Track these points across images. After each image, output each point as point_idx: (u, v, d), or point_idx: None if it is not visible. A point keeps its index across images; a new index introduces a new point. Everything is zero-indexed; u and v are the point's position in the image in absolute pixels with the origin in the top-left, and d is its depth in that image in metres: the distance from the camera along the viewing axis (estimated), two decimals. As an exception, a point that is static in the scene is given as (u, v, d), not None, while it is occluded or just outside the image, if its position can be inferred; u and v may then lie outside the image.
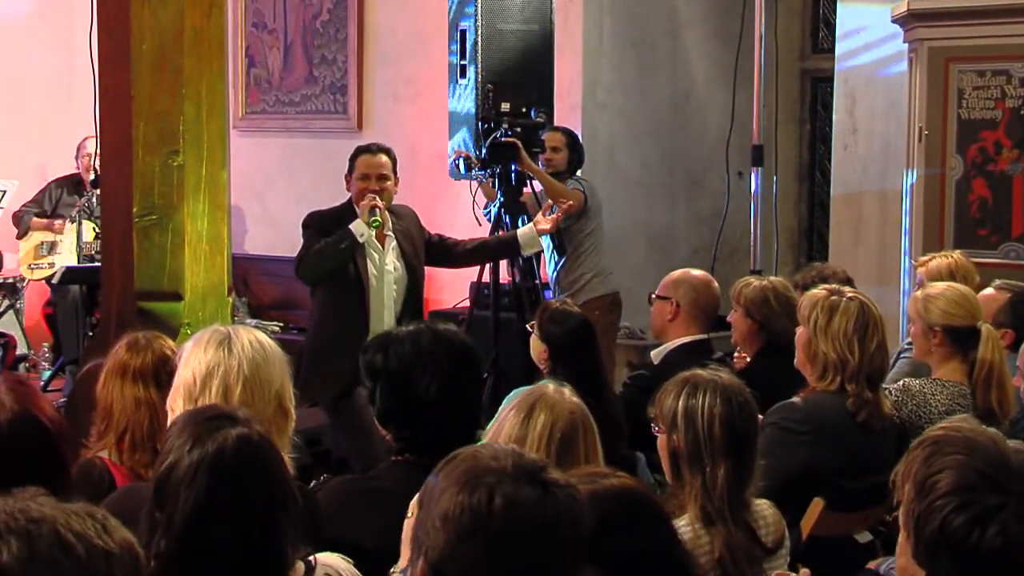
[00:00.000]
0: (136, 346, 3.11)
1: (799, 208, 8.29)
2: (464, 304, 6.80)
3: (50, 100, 8.51)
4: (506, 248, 5.72)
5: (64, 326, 7.42)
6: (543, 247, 6.09)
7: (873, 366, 3.51)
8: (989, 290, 4.37)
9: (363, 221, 4.96)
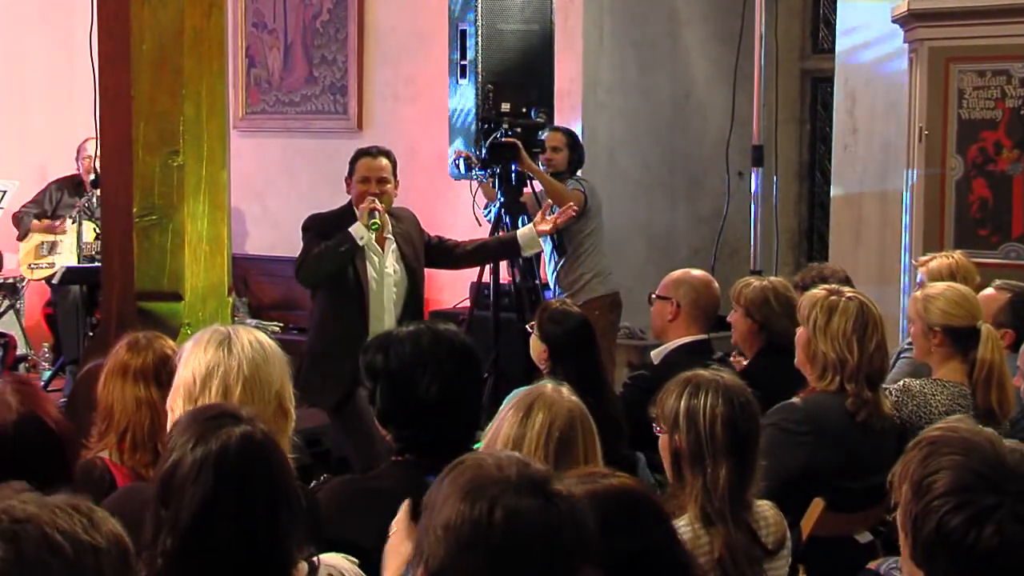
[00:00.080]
0: (136, 346, 3.11)
1: (799, 208, 8.28)
2: (464, 304, 6.80)
3: (50, 100, 8.51)
4: (506, 249, 5.71)
5: (64, 326, 7.43)
6: (543, 248, 6.09)
7: (872, 366, 3.51)
8: (989, 290, 4.37)
9: (362, 224, 4.96)
